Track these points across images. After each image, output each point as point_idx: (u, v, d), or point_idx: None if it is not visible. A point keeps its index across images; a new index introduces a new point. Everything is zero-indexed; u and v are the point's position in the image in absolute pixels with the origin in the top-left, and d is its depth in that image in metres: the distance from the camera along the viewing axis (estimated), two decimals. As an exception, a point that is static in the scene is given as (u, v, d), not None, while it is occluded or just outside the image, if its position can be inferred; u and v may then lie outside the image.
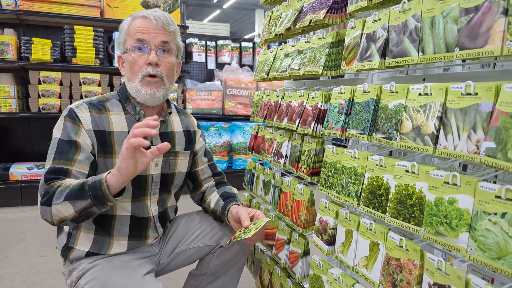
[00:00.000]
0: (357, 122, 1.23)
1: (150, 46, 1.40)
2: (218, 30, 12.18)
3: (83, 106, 1.39)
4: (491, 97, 0.81)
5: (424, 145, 0.96)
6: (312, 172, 1.50)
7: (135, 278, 1.33)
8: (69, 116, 1.36)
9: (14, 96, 3.92)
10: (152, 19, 1.40)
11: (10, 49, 3.82)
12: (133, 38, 1.40)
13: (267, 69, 1.95)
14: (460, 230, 0.85)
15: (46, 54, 3.94)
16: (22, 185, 3.90)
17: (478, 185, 0.82)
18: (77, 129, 1.34)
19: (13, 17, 4.06)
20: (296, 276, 1.59)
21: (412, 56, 1.03)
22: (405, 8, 1.07)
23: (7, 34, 3.88)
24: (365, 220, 1.17)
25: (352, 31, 1.32)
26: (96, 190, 1.19)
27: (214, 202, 1.60)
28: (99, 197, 1.19)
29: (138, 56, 1.41)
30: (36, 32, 4.31)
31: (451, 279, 0.87)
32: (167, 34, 1.43)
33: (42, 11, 3.97)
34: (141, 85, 1.41)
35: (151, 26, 1.40)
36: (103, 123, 1.39)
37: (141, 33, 1.39)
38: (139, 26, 1.40)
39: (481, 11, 0.84)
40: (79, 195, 1.20)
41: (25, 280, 2.37)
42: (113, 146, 1.39)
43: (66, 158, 1.30)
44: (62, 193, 1.21)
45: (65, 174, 1.28)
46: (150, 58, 1.39)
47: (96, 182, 1.20)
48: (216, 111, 4.79)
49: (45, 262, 2.62)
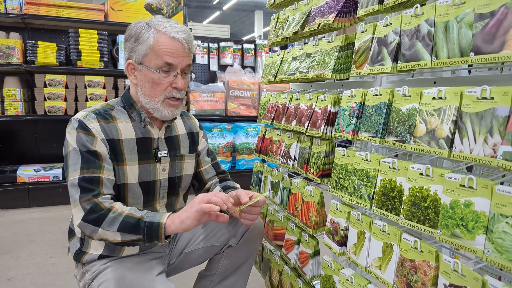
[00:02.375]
0: (368, 125, 1.24)
1: (177, 70, 1.40)
2: (219, 31, 12.22)
3: (90, 116, 1.38)
4: (507, 102, 0.82)
5: (439, 149, 0.97)
6: (322, 174, 1.51)
7: (147, 279, 1.35)
8: (81, 127, 1.35)
9: (21, 99, 3.94)
10: (184, 43, 1.38)
11: (16, 53, 3.84)
12: (161, 59, 1.37)
13: (275, 72, 1.96)
14: (477, 233, 0.86)
15: (52, 57, 3.96)
16: (29, 187, 3.93)
17: (495, 188, 0.83)
18: (92, 139, 1.34)
19: (18, 21, 4.08)
20: (307, 276, 1.60)
21: (426, 61, 1.05)
22: (418, 12, 1.08)
23: (13, 38, 3.90)
24: (378, 222, 1.19)
25: (362, 35, 1.34)
26: (152, 231, 1.24)
27: None
28: (152, 237, 1.25)
29: (164, 78, 1.39)
30: (41, 36, 4.33)
31: (467, 280, 0.88)
32: (191, 56, 1.43)
33: (47, 15, 3.99)
34: (162, 105, 1.42)
35: (180, 50, 1.39)
36: (112, 132, 1.40)
37: (170, 57, 1.37)
38: (168, 47, 1.37)
39: (496, 17, 0.85)
40: (133, 230, 1.25)
41: (35, 281, 2.39)
42: (123, 154, 1.41)
43: (94, 166, 1.31)
44: (115, 221, 1.25)
45: (97, 182, 1.30)
46: (179, 84, 1.41)
47: (154, 224, 1.25)
48: (219, 112, 4.81)
49: (54, 263, 2.65)
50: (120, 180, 1.40)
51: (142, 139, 1.45)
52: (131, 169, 1.42)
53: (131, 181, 1.42)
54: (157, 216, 1.26)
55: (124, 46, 1.47)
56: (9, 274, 2.47)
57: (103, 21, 4.24)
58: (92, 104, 4.12)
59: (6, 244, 2.98)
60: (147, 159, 1.46)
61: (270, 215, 1.96)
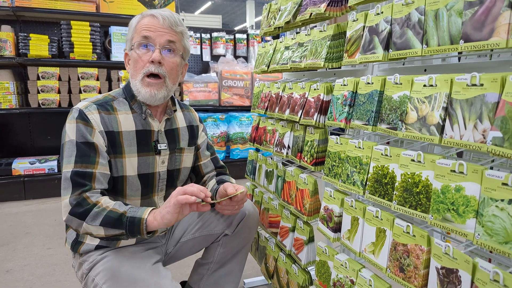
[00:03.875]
0: (361, 113, 1.26)
1: (155, 44, 1.40)
2: (211, 22, 12.15)
3: (92, 107, 1.39)
4: (496, 88, 0.83)
5: (430, 135, 0.99)
6: (316, 162, 1.53)
7: (144, 267, 1.37)
8: (81, 118, 1.35)
9: (14, 92, 3.93)
10: (160, 18, 1.40)
11: (8, 46, 3.82)
12: (139, 35, 1.40)
13: (267, 62, 1.97)
14: (467, 216, 0.88)
15: (44, 50, 3.95)
16: (24, 180, 3.94)
17: (484, 173, 0.85)
18: (90, 130, 1.35)
19: (9, 14, 4.05)
20: (302, 262, 1.63)
21: (416, 48, 1.06)
22: (408, 1, 1.09)
23: (4, 31, 3.87)
24: (371, 208, 1.21)
25: (354, 24, 1.35)
26: (134, 226, 1.26)
27: (210, 187, 1.64)
28: (134, 232, 1.27)
29: (143, 54, 1.40)
30: (33, 28, 4.30)
31: (459, 263, 0.90)
32: (173, 34, 1.43)
33: (38, 7, 3.96)
34: (141, 84, 1.41)
35: (158, 25, 1.40)
36: (112, 124, 1.40)
37: (147, 31, 1.39)
38: (146, 24, 1.40)
39: (485, 5, 0.86)
40: (115, 225, 1.26)
41: (34, 272, 2.41)
42: (122, 146, 1.41)
43: (88, 161, 1.32)
44: (98, 215, 1.26)
45: (89, 177, 1.31)
46: (154, 56, 1.38)
47: (135, 219, 1.26)
48: (212, 103, 4.82)
49: (52, 255, 2.66)
50: (118, 172, 1.41)
51: (142, 131, 1.46)
52: (130, 161, 1.43)
53: (130, 173, 1.43)
54: (139, 211, 1.28)
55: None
56: (7, 265, 2.49)
57: (95, 13, 4.21)
58: (86, 96, 4.11)
59: (3, 237, 2.99)
60: (147, 151, 1.47)
61: (265, 203, 1.99)
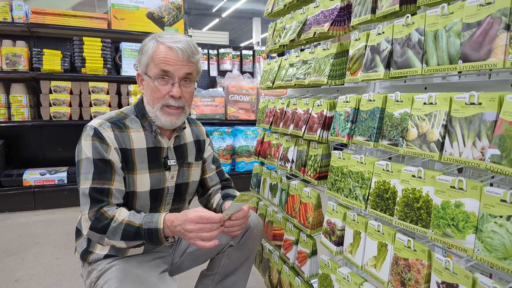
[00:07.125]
0: (363, 129, 1.28)
1: (174, 78, 1.42)
2: (218, 38, 12.27)
3: (105, 125, 1.42)
4: (494, 107, 0.85)
5: (430, 152, 1.01)
6: (319, 176, 1.55)
7: (151, 277, 1.40)
8: (96, 136, 1.38)
9: (26, 105, 4.02)
10: (179, 52, 1.40)
11: (22, 60, 3.92)
12: (158, 68, 1.41)
13: (272, 78, 2.00)
14: (467, 232, 0.89)
15: (57, 64, 4.04)
16: (35, 190, 3.99)
17: (483, 189, 0.87)
18: (106, 148, 1.38)
19: (24, 30, 4.16)
20: (305, 275, 1.64)
21: (416, 68, 1.09)
22: (409, 22, 1.12)
23: (19, 46, 3.98)
24: (373, 222, 1.22)
25: (356, 43, 1.38)
26: (153, 235, 1.32)
27: (216, 202, 1.67)
28: (154, 240, 1.33)
29: (161, 85, 1.42)
30: (46, 44, 4.41)
31: (459, 278, 0.91)
32: (191, 65, 1.45)
33: (52, 24, 4.06)
34: (160, 113, 1.44)
35: (176, 59, 1.41)
36: (125, 141, 1.43)
37: (166, 64, 1.40)
38: (164, 56, 1.40)
39: (483, 26, 0.89)
40: (135, 237, 1.32)
41: (42, 282, 2.44)
42: (134, 163, 1.45)
43: (105, 177, 1.36)
44: (117, 230, 1.31)
45: (107, 193, 1.35)
46: (174, 92, 1.42)
47: (152, 230, 1.32)
48: (219, 116, 4.90)
49: (60, 264, 2.69)
50: (130, 188, 1.44)
51: (152, 148, 1.49)
52: (141, 178, 1.46)
53: (140, 189, 1.46)
54: (154, 221, 1.32)
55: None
56: (16, 275, 2.51)
57: (107, 29, 4.31)
58: (97, 109, 4.19)
59: (13, 246, 3.02)
60: (157, 167, 1.50)
61: (269, 216, 2.00)
